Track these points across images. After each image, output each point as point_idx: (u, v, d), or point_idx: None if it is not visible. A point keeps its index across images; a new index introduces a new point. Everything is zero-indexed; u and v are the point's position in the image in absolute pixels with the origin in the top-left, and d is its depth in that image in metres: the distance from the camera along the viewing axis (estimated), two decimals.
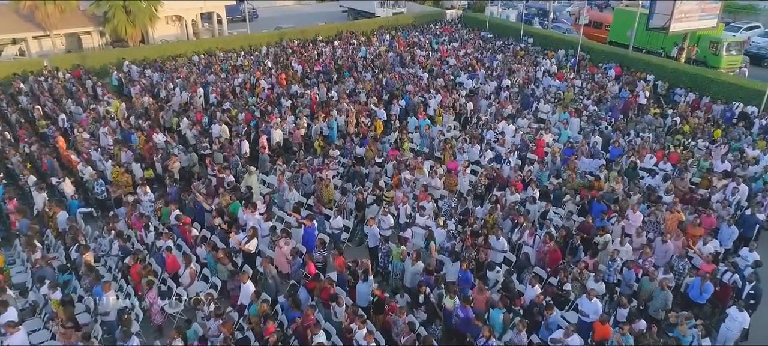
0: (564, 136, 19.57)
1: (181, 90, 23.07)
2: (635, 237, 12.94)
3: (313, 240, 12.96)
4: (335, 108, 21.06)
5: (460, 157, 17.16)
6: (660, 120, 20.85)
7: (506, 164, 16.88)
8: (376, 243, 12.89)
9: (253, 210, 13.31)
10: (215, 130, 18.86)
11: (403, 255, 11.96)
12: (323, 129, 19.54)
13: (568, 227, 13.33)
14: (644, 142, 18.60)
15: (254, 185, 15.57)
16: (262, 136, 17.90)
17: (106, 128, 18.29)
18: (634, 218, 13.63)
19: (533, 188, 14.96)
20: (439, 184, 15.42)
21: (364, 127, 19.40)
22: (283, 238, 12.35)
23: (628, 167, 16.65)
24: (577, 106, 22.36)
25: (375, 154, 17.35)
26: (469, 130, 19.84)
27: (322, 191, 14.93)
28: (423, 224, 13.42)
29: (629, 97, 23.48)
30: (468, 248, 12.21)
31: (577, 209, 14.73)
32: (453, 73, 27.06)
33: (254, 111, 20.58)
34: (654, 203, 14.58)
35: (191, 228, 12.90)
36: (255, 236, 12.32)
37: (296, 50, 31.00)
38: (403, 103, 22.22)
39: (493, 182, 16.01)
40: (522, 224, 13.06)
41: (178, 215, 13.17)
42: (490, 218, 13.66)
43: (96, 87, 23.57)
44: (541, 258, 12.46)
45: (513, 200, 14.58)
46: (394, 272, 12.31)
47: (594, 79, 26.49)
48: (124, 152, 16.69)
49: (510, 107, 21.86)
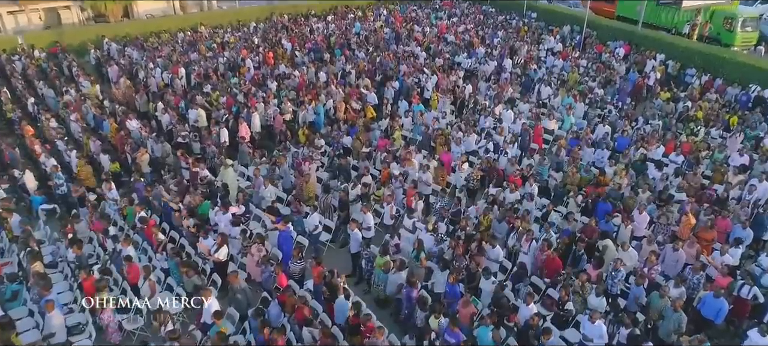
0: (567, 122, 18.25)
1: (162, 71, 21.74)
2: (645, 244, 11.75)
3: (290, 245, 11.84)
4: (323, 91, 19.71)
5: (455, 150, 15.88)
6: (671, 105, 19.44)
7: (504, 156, 15.62)
8: (359, 249, 11.76)
9: (225, 211, 12.16)
10: (191, 115, 17.58)
11: (387, 266, 10.83)
12: (308, 115, 18.24)
13: (571, 231, 12.15)
14: (654, 131, 17.26)
15: (231, 179, 14.35)
16: (242, 124, 16.63)
17: (75, 115, 17.04)
18: (640, 219, 12.43)
19: (532, 184, 13.73)
20: (429, 178, 14.19)
21: (352, 114, 18.09)
22: (255, 243, 11.21)
23: (637, 160, 15.37)
24: (582, 89, 20.95)
25: (363, 144, 16.10)
26: (465, 116, 18.51)
27: (302, 187, 13.73)
28: (410, 227, 12.24)
29: (638, 79, 22.02)
30: (459, 257, 11.06)
31: (580, 209, 13.52)
32: (451, 51, 25.58)
33: (237, 94, 19.26)
34: (665, 202, 13.38)
35: (158, 231, 11.75)
36: (225, 243, 11.18)
37: (287, 26, 29.47)
38: (397, 86, 20.85)
39: (487, 175, 14.78)
40: (519, 228, 11.87)
41: (142, 217, 12.02)
42: (484, 219, 12.47)
43: (71, 67, 22.20)
44: (539, 267, 11.31)
45: (511, 200, 13.39)
46: (376, 282, 11.20)
47: (601, 58, 25.00)
48: (93, 142, 15.47)
49: (510, 90, 20.47)
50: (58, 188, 13.82)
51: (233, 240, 11.89)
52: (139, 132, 16.22)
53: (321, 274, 10.46)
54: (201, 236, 11.52)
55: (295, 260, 10.99)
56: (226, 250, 11.22)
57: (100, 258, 11.88)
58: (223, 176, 14.49)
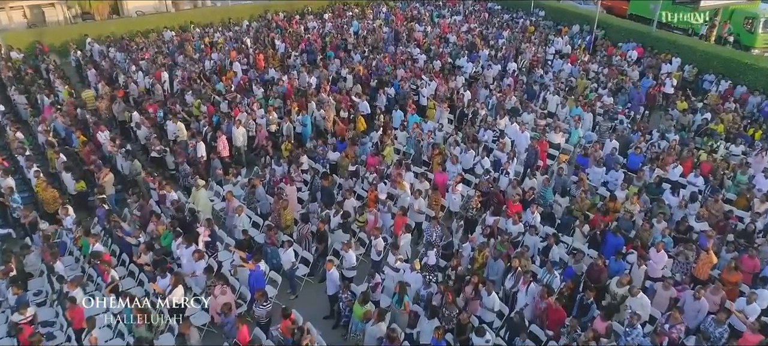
0: (575, 136, 16.78)
1: (144, 75, 20.46)
2: (661, 289, 10.34)
3: (262, 285, 10.55)
4: (313, 99, 18.34)
5: (451, 169, 14.48)
6: (689, 117, 17.89)
7: (505, 176, 14.21)
8: (336, 290, 10.45)
9: (188, 244, 10.88)
10: (170, 129, 16.29)
11: (367, 316, 9.51)
12: (296, 126, 16.91)
13: (574, 272, 10.78)
14: (671, 147, 15.76)
15: (203, 203, 13.07)
16: (221, 137, 15.30)
17: (41, 126, 15.80)
18: (657, 258, 11.01)
19: (534, 212, 12.33)
20: (422, 205, 12.83)
21: (340, 126, 16.70)
22: (219, 285, 9.92)
23: (651, 182, 13.90)
24: (591, 96, 19.42)
25: (350, 161, 14.74)
26: (464, 129, 17.08)
27: (279, 213, 12.40)
28: (394, 266, 10.89)
29: (653, 85, 20.45)
30: (448, 305, 9.70)
31: (586, 241, 12.12)
32: (452, 53, 24.09)
33: (219, 103, 17.94)
34: (683, 234, 11.94)
35: (110, 268, 10.47)
36: (180, 283, 9.90)
37: (281, 25, 28.07)
38: (392, 92, 19.45)
39: (488, 200, 13.38)
40: (516, 269, 10.49)
41: (95, 252, 10.75)
42: (479, 255, 11.10)
43: (48, 70, 20.95)
44: (539, 316, 9.94)
45: (514, 233, 12.00)
46: (353, 330, 9.89)
47: (612, 62, 23.42)
48: (58, 157, 14.22)
49: (513, 99, 18.98)
50: (15, 211, 12.61)
51: (199, 278, 10.64)
52: (107, 146, 14.96)
53: (289, 329, 9.16)
54: (158, 274, 10.25)
55: (260, 303, 9.69)
56: (182, 291, 9.94)
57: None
58: (195, 199, 13.23)
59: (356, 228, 12.58)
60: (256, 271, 10.42)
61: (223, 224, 13.27)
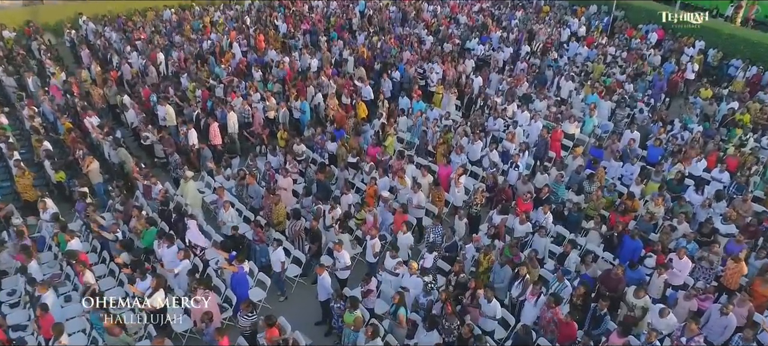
0: (589, 125, 15.71)
1: (139, 56, 19.61)
2: (682, 299, 9.42)
3: (246, 289, 9.80)
4: (314, 82, 17.41)
5: (456, 160, 13.55)
6: (714, 106, 16.72)
7: (514, 169, 13.24)
8: (327, 296, 9.65)
9: (169, 244, 10.11)
10: (160, 112, 15.47)
11: (358, 325, 8.71)
12: (294, 112, 16.01)
13: (590, 277, 9.88)
14: (694, 139, 14.67)
15: (191, 196, 12.30)
16: (212, 125, 14.46)
17: (27, 110, 15.05)
18: (680, 265, 10.06)
19: (546, 212, 11.39)
20: (421, 200, 11.92)
21: (339, 113, 15.75)
22: (200, 289, 9.15)
23: (672, 178, 12.89)
24: (609, 82, 18.28)
25: (350, 152, 13.85)
26: (473, 117, 16.07)
27: (271, 208, 11.58)
28: (392, 268, 10.04)
29: (675, 71, 19.23)
30: (449, 316, 8.85)
31: (601, 243, 11.19)
32: (462, 35, 22.94)
33: (214, 87, 17.07)
34: (707, 237, 10.96)
35: (86, 269, 9.72)
36: (161, 287, 9.15)
37: (283, 3, 27.00)
38: (398, 76, 18.43)
39: (494, 196, 12.46)
40: (524, 276, 9.60)
41: (70, 251, 10.01)
42: (484, 259, 10.21)
43: (40, 51, 20.14)
44: (545, 327, 9.06)
45: (520, 233, 11.10)
46: (345, 341, 9.09)
47: (630, 45, 22.14)
48: (41, 145, 13.46)
49: (526, 85, 17.91)
50: None
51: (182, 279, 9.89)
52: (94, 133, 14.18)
53: (274, 341, 8.38)
54: (137, 276, 9.50)
55: (244, 313, 8.90)
56: (163, 295, 9.19)
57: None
58: (183, 191, 12.45)
59: (354, 225, 11.75)
60: (239, 274, 9.63)
61: (213, 219, 12.48)
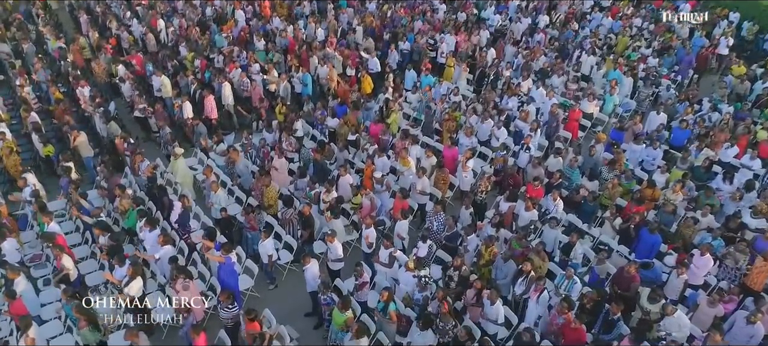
0: (609, 104, 14.62)
1: (139, 22, 18.88)
2: (704, 304, 8.57)
3: (234, 280, 9.18)
4: (319, 53, 16.52)
5: (464, 142, 12.67)
6: (746, 85, 15.45)
7: (526, 151, 12.33)
8: (314, 288, 9.01)
9: (151, 228, 9.51)
10: (155, 83, 14.79)
11: (348, 325, 8.06)
12: (295, 85, 15.20)
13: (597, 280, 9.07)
14: (723, 121, 13.55)
15: (181, 174, 11.68)
16: (208, 98, 13.74)
17: (19, 79, 14.48)
18: (700, 262, 9.18)
19: (555, 199, 10.51)
20: (426, 186, 11.12)
21: (342, 87, 14.88)
22: (180, 278, 8.56)
23: (699, 165, 11.87)
24: (634, 57, 17.06)
25: (351, 129, 13.05)
26: (484, 93, 15.09)
27: (262, 191, 10.90)
28: (386, 260, 9.32)
29: (706, 46, 17.87)
30: (444, 316, 8.14)
31: (617, 236, 10.31)
32: (478, 4, 21.69)
33: (212, 57, 16.30)
34: (734, 232, 10.02)
35: (64, 253, 9.17)
36: (138, 275, 8.58)
37: None
38: (407, 46, 17.44)
39: (503, 180, 11.59)
40: (528, 273, 8.81)
41: (47, 233, 9.47)
42: (486, 251, 9.44)
43: (38, 16, 19.51)
44: (553, 332, 8.31)
45: (526, 221, 10.27)
46: (333, 339, 8.48)
47: (658, 16, 20.70)
48: (28, 116, 12.90)
49: (543, 58, 16.79)
50: None
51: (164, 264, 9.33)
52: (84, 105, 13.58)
53: (251, 336, 7.78)
54: (115, 262, 8.94)
55: (225, 305, 8.31)
56: (140, 284, 8.63)
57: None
58: (173, 169, 11.84)
59: (350, 209, 11.04)
60: (226, 264, 9.01)
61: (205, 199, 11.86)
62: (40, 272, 9.73)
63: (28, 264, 9.83)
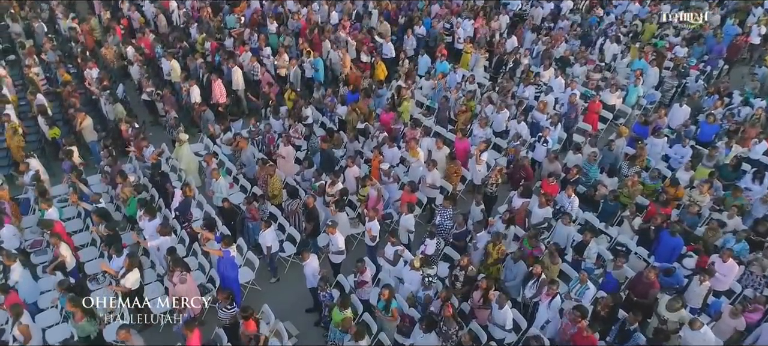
0: (632, 95, 13.91)
1: (152, 1, 18.60)
2: (727, 316, 8.04)
3: (234, 273, 8.89)
4: (330, 37, 16.06)
5: (477, 133, 12.16)
6: None
7: (543, 145, 11.76)
8: (314, 285, 8.69)
9: (151, 217, 9.26)
10: (164, 66, 14.54)
11: (346, 325, 7.73)
12: (306, 70, 14.80)
13: (616, 282, 8.57)
14: (755, 116, 12.79)
15: (185, 160, 11.42)
16: (216, 82, 13.42)
17: (28, 59, 14.33)
18: (724, 269, 8.61)
19: (571, 195, 9.99)
20: (436, 179, 10.67)
21: (353, 73, 14.42)
22: (177, 271, 8.31)
23: (727, 163, 11.20)
24: (661, 45, 16.25)
25: (360, 117, 12.62)
26: (501, 82, 14.50)
27: (266, 180, 10.57)
28: (391, 256, 8.94)
29: (738, 35, 16.94)
30: (447, 319, 7.75)
31: (636, 237, 9.77)
32: None
33: (223, 40, 15.96)
34: (762, 236, 9.41)
35: (61, 241, 8.97)
36: (134, 267, 8.35)
37: None
38: (423, 31, 16.88)
39: (514, 173, 11.05)
40: (539, 276, 8.36)
41: (44, 221, 9.29)
42: (494, 250, 8.99)
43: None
44: (564, 340, 7.87)
45: (539, 218, 9.79)
46: (332, 338, 8.16)
47: (689, 2, 19.72)
48: (34, 98, 12.75)
49: (563, 46, 16.09)
50: None
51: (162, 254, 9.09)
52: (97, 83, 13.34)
53: (246, 336, 7.49)
54: (112, 252, 8.73)
55: (223, 305, 8.02)
56: (137, 275, 8.40)
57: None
58: (177, 155, 11.59)
59: (356, 201, 10.67)
60: (225, 257, 8.72)
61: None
62: (41, 259, 9.58)
63: (28, 250, 9.70)
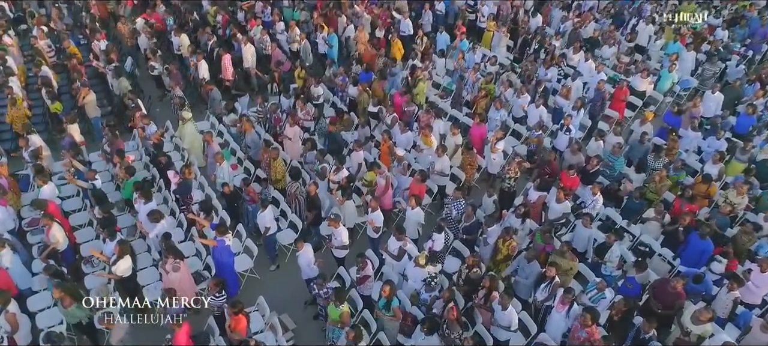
0: (665, 81, 12.96)
1: None
2: (758, 329, 7.34)
3: (230, 260, 8.50)
4: (347, 12, 15.39)
5: (494, 116, 11.47)
6: None
7: (565, 133, 10.99)
8: (309, 275, 8.24)
9: (146, 200, 8.89)
10: (174, 42, 14.10)
11: (343, 321, 7.28)
12: (318, 46, 14.20)
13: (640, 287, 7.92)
14: None
15: (188, 139, 11.00)
16: (225, 56, 12.93)
17: (37, 29, 14.03)
18: (760, 280, 7.88)
19: (595, 193, 9.29)
20: (445, 166, 10.02)
21: (367, 51, 13.74)
22: (169, 259, 7.94)
23: (763, 159, 10.32)
24: (698, 27, 15.15)
25: (371, 98, 12.01)
26: (524, 64, 13.69)
27: (269, 163, 10.09)
28: (395, 251, 8.42)
29: None
30: (451, 322, 7.23)
31: (662, 238, 9.05)
32: None
33: (235, 11, 15.42)
34: None
35: (54, 222, 8.65)
36: (126, 254, 8.01)
37: None
38: (443, 8, 16.07)
39: (538, 168, 10.34)
40: (552, 279, 7.75)
41: (37, 200, 8.99)
42: (504, 246, 8.38)
43: None
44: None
45: (557, 214, 9.13)
46: (329, 336, 7.72)
47: None
48: (39, 71, 12.45)
49: (592, 25, 15.11)
50: None
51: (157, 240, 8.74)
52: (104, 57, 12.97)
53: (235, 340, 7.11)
54: (105, 236, 8.40)
55: (213, 293, 7.64)
56: (129, 263, 8.06)
57: None
58: (180, 135, 11.20)
59: (363, 186, 10.13)
60: (220, 246, 8.31)
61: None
62: (37, 238, 9.32)
63: (25, 229, 9.47)
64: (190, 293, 8.12)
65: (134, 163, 10.57)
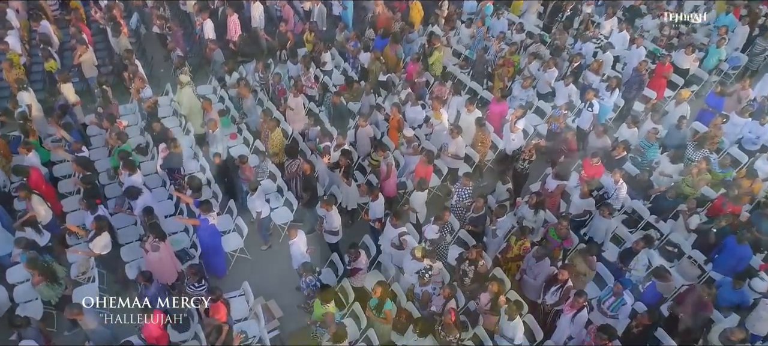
0: (712, 58, 11.60)
1: None
2: None
3: (216, 241, 7.94)
4: None
5: (518, 95, 10.45)
6: None
7: (588, 110, 9.87)
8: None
9: (131, 172, 8.33)
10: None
11: (325, 321, 6.64)
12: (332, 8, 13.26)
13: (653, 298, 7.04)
14: None
15: (186, 104, 10.33)
16: (231, 17, 12.15)
17: None
18: None
19: (617, 181, 8.28)
20: (460, 148, 9.13)
21: (384, 14, 12.71)
22: (149, 239, 7.40)
23: None
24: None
25: (383, 67, 11.10)
26: (554, 34, 12.48)
27: (266, 135, 9.39)
28: (396, 240, 7.67)
29: None
30: (448, 326, 6.50)
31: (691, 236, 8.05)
32: None
33: None
34: None
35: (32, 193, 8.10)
36: (104, 231, 7.49)
37: None
38: None
39: (555, 147, 9.36)
40: (565, 282, 6.90)
41: (18, 166, 8.49)
42: (517, 245, 7.55)
43: None
44: None
45: (579, 208, 8.21)
46: (314, 332, 7.11)
47: None
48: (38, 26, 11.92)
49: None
50: None
51: None
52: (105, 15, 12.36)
53: (208, 325, 6.55)
54: (85, 209, 7.90)
55: (191, 282, 7.07)
56: (107, 239, 7.55)
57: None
58: (178, 99, 10.57)
59: (368, 166, 9.38)
60: (204, 225, 7.72)
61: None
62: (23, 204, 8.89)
63: (13, 194, 9.05)
64: (172, 273, 7.62)
65: (129, 128, 10.07)
